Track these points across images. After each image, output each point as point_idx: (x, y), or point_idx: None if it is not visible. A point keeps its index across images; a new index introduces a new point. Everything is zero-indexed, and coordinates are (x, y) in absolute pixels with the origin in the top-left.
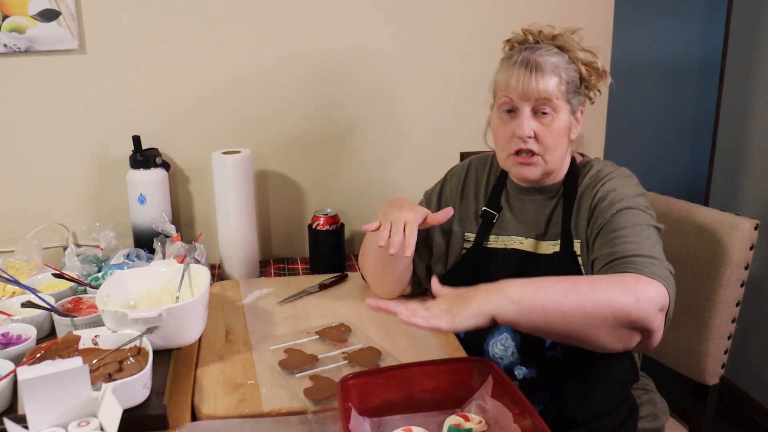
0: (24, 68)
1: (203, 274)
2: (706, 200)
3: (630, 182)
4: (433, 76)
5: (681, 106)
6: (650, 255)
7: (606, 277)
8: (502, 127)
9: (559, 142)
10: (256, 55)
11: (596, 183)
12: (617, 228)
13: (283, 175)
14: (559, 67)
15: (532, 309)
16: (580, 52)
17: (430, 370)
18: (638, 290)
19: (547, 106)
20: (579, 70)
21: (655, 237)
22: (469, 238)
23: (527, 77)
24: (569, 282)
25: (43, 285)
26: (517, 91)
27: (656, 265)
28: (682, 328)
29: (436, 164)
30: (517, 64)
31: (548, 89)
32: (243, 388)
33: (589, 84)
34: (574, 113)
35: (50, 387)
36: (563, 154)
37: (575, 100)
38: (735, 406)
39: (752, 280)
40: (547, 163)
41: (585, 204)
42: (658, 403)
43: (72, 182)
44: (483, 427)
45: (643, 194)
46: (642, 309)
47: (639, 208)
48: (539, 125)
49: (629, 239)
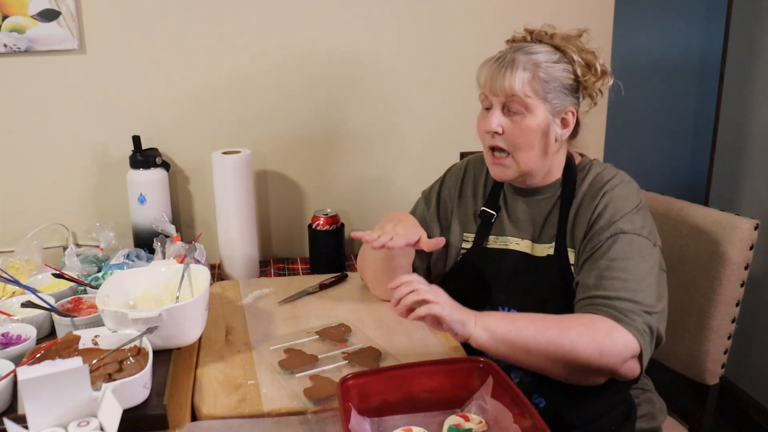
0: (24, 68)
1: (203, 274)
2: (706, 200)
3: (630, 190)
4: (433, 77)
5: (681, 106)
6: (633, 299)
7: (577, 324)
8: (479, 123)
9: (530, 141)
10: (257, 55)
11: (597, 193)
12: (609, 258)
13: (283, 175)
14: (538, 65)
15: (503, 342)
16: (576, 52)
17: (430, 370)
18: (605, 344)
19: (516, 103)
20: (574, 71)
21: (645, 269)
22: (468, 238)
23: (495, 73)
24: (542, 324)
25: (43, 285)
26: (487, 87)
27: (636, 313)
28: (682, 328)
29: (436, 164)
30: (492, 60)
31: (514, 85)
32: (243, 388)
33: (587, 85)
34: (558, 114)
35: (50, 387)
36: (538, 155)
37: (558, 100)
38: (735, 406)
39: (752, 280)
40: (519, 164)
41: (584, 215)
42: (656, 403)
43: (72, 182)
44: (483, 427)
45: (642, 206)
46: (605, 362)
47: (635, 233)
48: (508, 122)
49: (617, 275)
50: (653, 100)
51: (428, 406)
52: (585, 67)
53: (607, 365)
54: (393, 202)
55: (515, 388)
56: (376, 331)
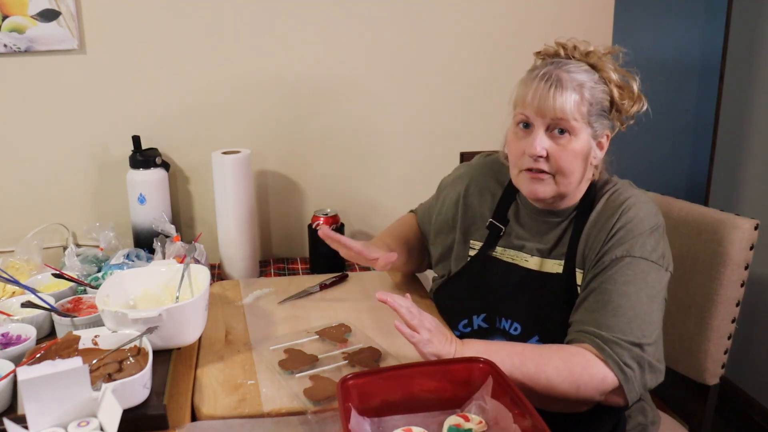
0: (24, 68)
1: (203, 274)
2: (706, 200)
3: (648, 212)
4: (434, 77)
5: (681, 106)
6: (618, 339)
7: (555, 359)
8: (516, 143)
9: (574, 167)
10: (257, 55)
11: (612, 214)
12: (609, 282)
13: (283, 175)
14: (584, 86)
15: None
16: (614, 73)
17: (430, 370)
18: (582, 380)
19: (563, 125)
20: (610, 92)
21: (645, 297)
22: (475, 246)
23: (545, 92)
24: (519, 359)
25: (43, 285)
26: (533, 106)
27: (622, 346)
28: (682, 328)
29: (437, 164)
30: (537, 78)
31: (565, 108)
32: (243, 388)
33: (621, 108)
34: (597, 138)
35: (50, 387)
36: (578, 180)
37: (599, 123)
38: (735, 406)
39: (752, 280)
40: (558, 186)
41: (598, 236)
42: (648, 414)
43: (72, 182)
44: (483, 427)
45: (657, 228)
46: (582, 395)
47: (644, 257)
48: (553, 145)
49: (613, 300)
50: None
51: (428, 406)
52: (621, 89)
53: (585, 398)
54: (393, 202)
55: (515, 388)
56: (376, 331)
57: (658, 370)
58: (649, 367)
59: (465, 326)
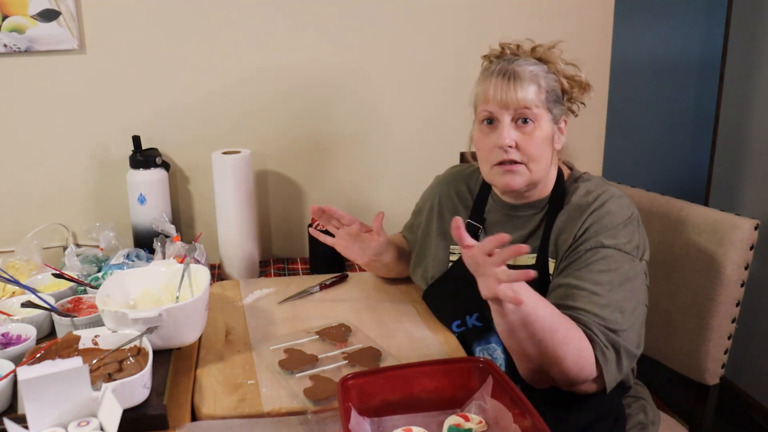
0: (24, 68)
1: (203, 274)
2: (706, 200)
3: (620, 205)
4: (433, 77)
5: (681, 106)
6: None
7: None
8: (483, 140)
9: (543, 152)
10: (257, 55)
11: (585, 208)
12: (584, 269)
13: (283, 175)
14: (538, 76)
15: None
16: (561, 64)
17: (430, 370)
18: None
19: (527, 114)
20: (560, 82)
21: (617, 287)
22: (455, 251)
23: (505, 85)
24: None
25: (43, 285)
26: (496, 100)
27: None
28: (682, 328)
29: (436, 164)
30: (494, 74)
31: (527, 97)
32: (243, 388)
33: (572, 96)
34: (557, 123)
35: (50, 387)
36: (548, 164)
37: (557, 110)
38: (735, 406)
39: (752, 280)
40: (531, 173)
41: (570, 229)
42: (648, 413)
43: (72, 182)
44: (483, 427)
45: (631, 221)
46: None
47: (617, 248)
48: (520, 134)
49: (587, 287)
50: (653, 100)
51: (428, 406)
52: (569, 78)
53: (569, 369)
54: (393, 202)
55: (515, 388)
56: (376, 331)
57: (633, 356)
58: (625, 352)
59: (459, 326)
